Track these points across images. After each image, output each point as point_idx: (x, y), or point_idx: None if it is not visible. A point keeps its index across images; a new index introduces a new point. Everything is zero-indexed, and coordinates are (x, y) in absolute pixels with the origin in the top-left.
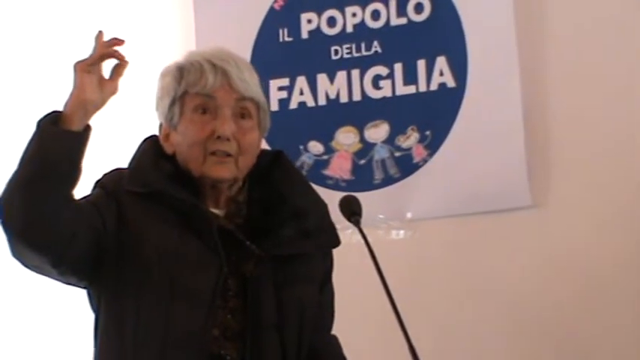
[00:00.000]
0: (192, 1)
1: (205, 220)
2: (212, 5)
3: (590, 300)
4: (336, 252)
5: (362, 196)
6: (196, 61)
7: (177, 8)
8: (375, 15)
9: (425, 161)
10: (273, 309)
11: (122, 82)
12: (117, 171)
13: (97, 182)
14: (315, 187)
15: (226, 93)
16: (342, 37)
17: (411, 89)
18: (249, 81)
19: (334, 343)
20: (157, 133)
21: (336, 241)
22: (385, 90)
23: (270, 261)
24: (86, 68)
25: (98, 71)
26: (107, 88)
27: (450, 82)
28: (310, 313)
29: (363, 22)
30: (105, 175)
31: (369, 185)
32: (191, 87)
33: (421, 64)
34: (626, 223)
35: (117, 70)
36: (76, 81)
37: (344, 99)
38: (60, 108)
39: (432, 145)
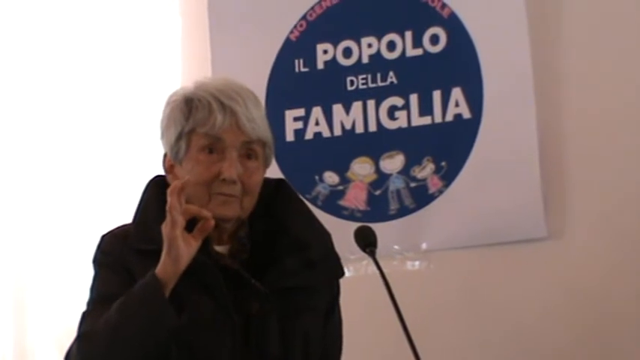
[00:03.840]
0: (208, 31)
1: (215, 277)
2: (228, 35)
3: (605, 332)
4: (351, 282)
5: (377, 227)
6: (204, 98)
7: (193, 38)
8: (391, 46)
9: (440, 192)
10: (277, 343)
11: (141, 115)
12: (115, 233)
13: (99, 253)
14: (330, 217)
15: (234, 135)
16: (357, 68)
17: (426, 120)
18: (257, 120)
19: None
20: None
21: (340, 272)
22: (401, 121)
23: (275, 294)
24: (180, 235)
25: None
26: (193, 245)
27: (466, 113)
28: (315, 344)
29: (378, 52)
30: (104, 240)
31: (385, 216)
32: (199, 126)
33: (437, 95)
34: None
35: (202, 228)
36: (173, 251)
37: (359, 129)
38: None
39: (448, 176)
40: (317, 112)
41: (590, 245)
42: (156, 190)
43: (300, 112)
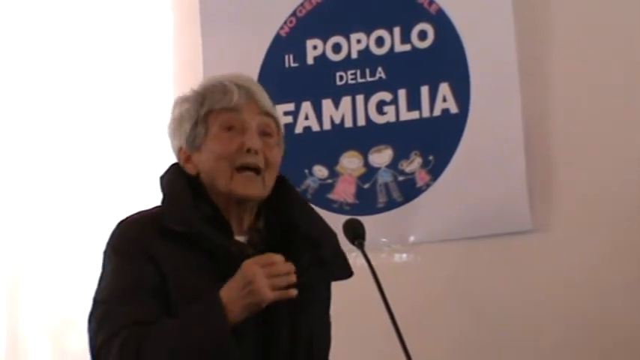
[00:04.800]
0: (199, 26)
1: (236, 267)
2: (219, 31)
3: (590, 323)
4: None
5: (365, 220)
6: (218, 82)
7: (184, 34)
8: (380, 42)
9: (428, 186)
10: (286, 337)
11: (133, 110)
12: (134, 219)
13: (117, 240)
14: (319, 210)
15: (250, 109)
16: (346, 63)
17: (414, 115)
18: (268, 100)
19: None
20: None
21: (350, 272)
22: (389, 115)
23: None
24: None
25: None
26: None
27: (453, 108)
28: (318, 340)
29: (367, 48)
30: (122, 226)
31: (373, 209)
32: (216, 104)
33: (424, 90)
34: (626, 248)
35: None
36: (265, 296)
37: (348, 124)
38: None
39: (435, 170)
40: (307, 106)
41: (574, 238)
42: (179, 176)
43: (290, 106)
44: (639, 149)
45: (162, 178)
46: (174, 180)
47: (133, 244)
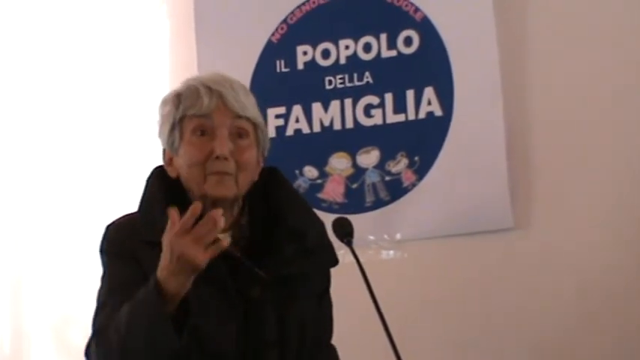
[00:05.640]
0: (194, 33)
1: (218, 268)
2: (213, 37)
3: (570, 316)
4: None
5: (354, 218)
6: (193, 86)
7: (180, 40)
8: (367, 47)
9: (413, 185)
10: (274, 327)
11: (130, 114)
12: (121, 223)
13: (106, 243)
14: None
15: (221, 113)
16: (335, 69)
17: (400, 117)
18: (244, 102)
19: (333, 355)
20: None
21: (334, 261)
22: (376, 118)
23: (272, 281)
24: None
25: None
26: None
27: (438, 111)
28: (310, 329)
29: (355, 54)
30: (110, 230)
31: (361, 208)
32: (188, 110)
33: (410, 94)
34: (606, 245)
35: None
36: (199, 263)
37: (337, 126)
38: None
39: (421, 170)
40: (297, 109)
41: (554, 235)
42: (158, 181)
43: (281, 109)
44: (619, 148)
45: (147, 180)
46: (152, 185)
47: (117, 246)
